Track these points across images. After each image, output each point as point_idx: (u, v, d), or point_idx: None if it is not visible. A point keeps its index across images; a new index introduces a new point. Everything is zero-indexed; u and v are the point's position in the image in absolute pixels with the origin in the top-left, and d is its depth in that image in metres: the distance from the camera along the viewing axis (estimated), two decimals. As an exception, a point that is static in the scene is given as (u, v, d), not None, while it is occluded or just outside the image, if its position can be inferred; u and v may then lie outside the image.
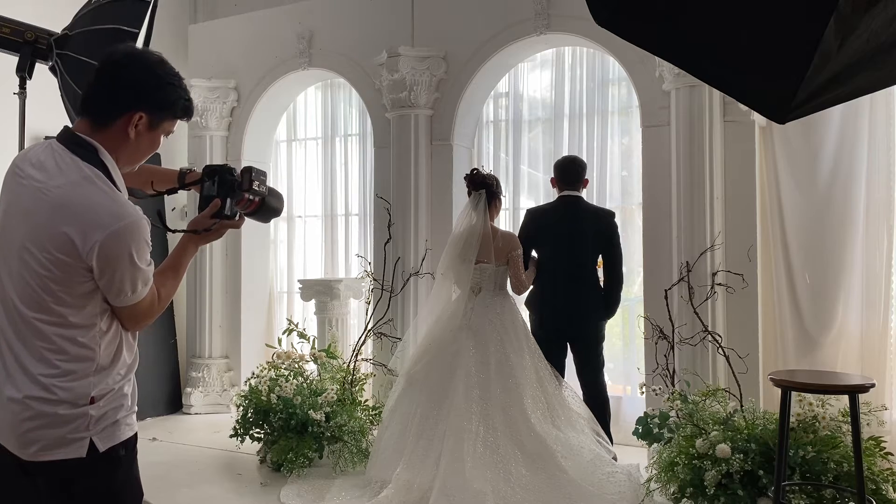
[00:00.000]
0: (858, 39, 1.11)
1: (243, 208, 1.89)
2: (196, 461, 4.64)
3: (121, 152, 1.74)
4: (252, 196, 1.86)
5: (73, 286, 1.64)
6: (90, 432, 1.67)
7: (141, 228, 1.66)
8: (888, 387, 4.04)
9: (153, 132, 1.77)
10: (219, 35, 6.17)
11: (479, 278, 4.14)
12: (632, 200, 5.13)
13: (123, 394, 1.74)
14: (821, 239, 4.26)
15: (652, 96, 4.57)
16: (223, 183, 1.85)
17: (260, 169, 1.91)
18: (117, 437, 1.71)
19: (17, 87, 2.97)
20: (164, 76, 1.77)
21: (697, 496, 3.38)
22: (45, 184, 1.66)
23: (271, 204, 1.95)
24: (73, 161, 1.67)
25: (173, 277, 1.85)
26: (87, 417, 1.66)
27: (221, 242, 6.01)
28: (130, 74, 1.74)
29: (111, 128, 1.72)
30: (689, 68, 1.45)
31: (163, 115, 1.77)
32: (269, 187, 1.94)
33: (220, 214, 1.85)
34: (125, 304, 1.70)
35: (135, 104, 1.72)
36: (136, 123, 1.73)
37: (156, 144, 1.82)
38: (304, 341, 4.89)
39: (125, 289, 1.67)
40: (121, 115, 1.72)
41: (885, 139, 4.16)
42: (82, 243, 1.61)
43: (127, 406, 1.76)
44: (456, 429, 3.74)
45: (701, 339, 3.97)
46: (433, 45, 5.24)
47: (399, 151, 5.24)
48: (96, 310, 1.67)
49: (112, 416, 1.71)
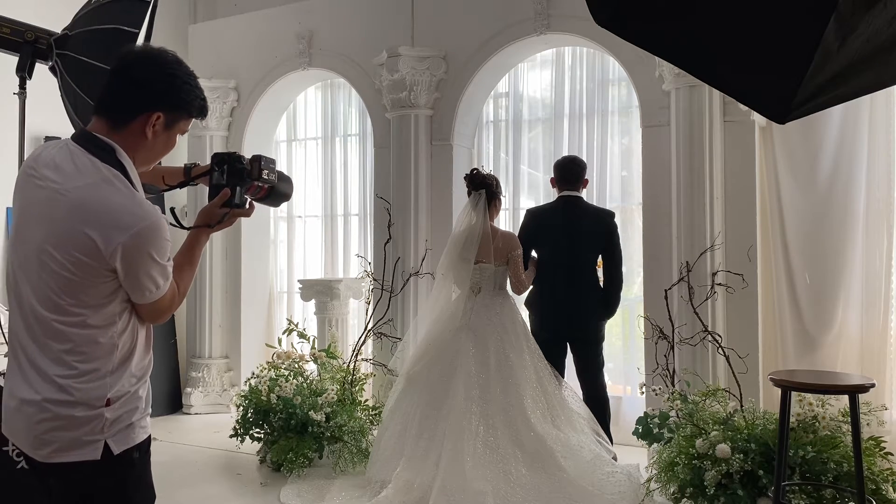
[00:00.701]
0: (858, 39, 1.11)
1: (253, 195, 1.89)
2: (196, 461, 4.64)
3: (138, 152, 1.75)
4: (261, 184, 1.86)
5: (94, 287, 1.64)
6: (105, 434, 1.66)
7: (161, 228, 1.67)
8: (888, 387, 4.04)
9: (169, 132, 1.78)
10: (219, 35, 6.17)
11: (478, 278, 4.14)
12: (632, 200, 5.13)
13: (139, 396, 1.74)
14: (821, 239, 4.26)
15: (652, 96, 4.57)
16: (233, 172, 1.84)
17: (269, 157, 1.90)
18: (132, 439, 1.71)
19: (17, 87, 2.97)
20: (182, 76, 1.76)
21: (697, 496, 3.38)
22: (62, 185, 1.65)
23: (281, 189, 1.94)
24: (92, 162, 1.67)
25: (189, 269, 1.86)
26: (102, 419, 1.66)
27: (221, 242, 6.01)
28: (148, 74, 1.73)
29: (129, 128, 1.72)
30: (689, 68, 1.45)
31: (179, 115, 1.78)
32: (280, 172, 1.94)
33: (231, 203, 1.84)
34: (148, 300, 1.70)
35: (152, 104, 1.72)
36: (153, 123, 1.73)
37: (171, 144, 1.82)
38: (304, 341, 4.89)
39: (149, 286, 1.68)
40: (138, 115, 1.72)
41: (885, 139, 4.16)
42: (105, 245, 1.60)
43: (141, 409, 1.76)
44: (456, 428, 3.75)
45: (701, 339, 3.97)
46: (433, 45, 5.25)
47: (399, 151, 5.24)
48: (116, 310, 1.68)
49: (127, 419, 1.70)
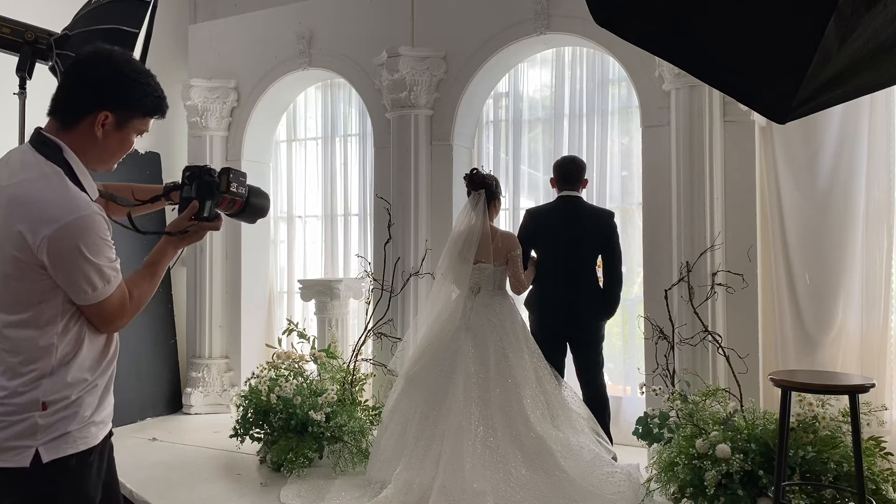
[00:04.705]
0: (858, 39, 1.11)
1: (226, 209, 1.87)
2: (196, 461, 4.64)
3: (89, 152, 1.72)
4: (232, 197, 1.85)
5: (30, 284, 1.60)
6: (36, 441, 1.59)
7: (93, 223, 1.61)
8: (888, 387, 4.04)
9: (122, 131, 1.74)
10: (219, 35, 6.17)
11: (478, 278, 4.14)
12: (632, 200, 5.13)
13: (79, 403, 1.65)
14: (821, 239, 4.26)
15: (652, 96, 4.57)
16: (201, 185, 1.83)
17: (240, 170, 1.89)
18: (65, 449, 1.62)
19: (17, 87, 2.97)
20: (129, 74, 1.72)
21: (697, 496, 3.38)
22: (6, 182, 1.64)
23: (256, 204, 1.93)
24: (36, 159, 1.65)
25: (149, 279, 1.80)
26: (33, 425, 1.58)
27: (221, 242, 6.01)
28: (94, 73, 1.71)
29: (78, 127, 1.70)
30: (689, 68, 1.45)
31: (130, 114, 1.73)
32: (252, 187, 1.92)
33: (199, 216, 1.82)
34: (88, 302, 1.64)
35: (99, 103, 1.69)
36: (102, 122, 1.70)
37: (127, 144, 1.78)
38: (304, 341, 4.89)
39: (83, 286, 1.61)
40: (86, 114, 1.69)
41: (885, 139, 4.16)
42: (32, 238, 1.57)
43: (84, 417, 1.66)
44: (455, 429, 3.74)
45: (701, 339, 3.97)
46: (433, 45, 5.25)
47: (399, 151, 5.23)
48: (55, 310, 1.62)
49: (62, 427, 1.62)
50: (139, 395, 5.69)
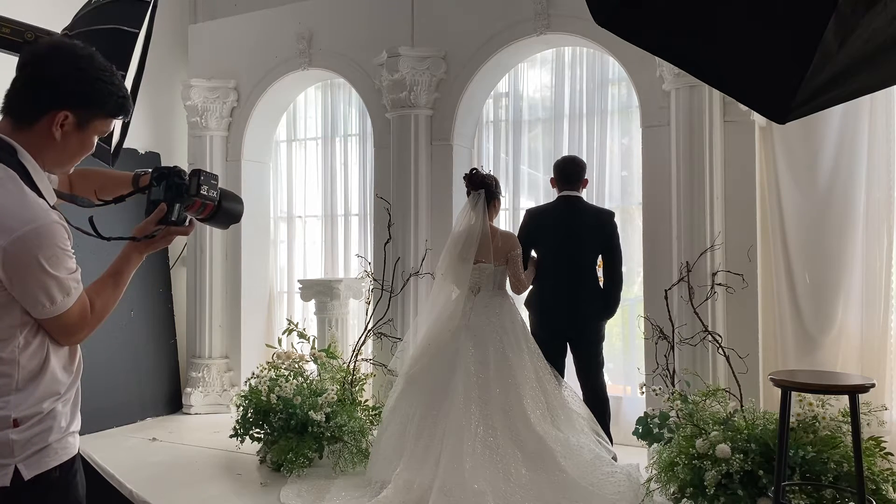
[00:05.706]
0: (858, 39, 1.11)
1: (196, 213, 1.77)
2: (196, 461, 4.64)
3: (46, 154, 1.60)
4: (203, 201, 1.75)
5: None
6: (14, 459, 1.52)
7: (51, 233, 1.51)
8: (888, 387, 4.04)
9: (83, 132, 1.61)
10: (219, 35, 6.17)
11: (478, 278, 4.14)
12: (632, 200, 5.13)
13: (54, 415, 1.58)
14: (821, 239, 4.26)
15: (652, 96, 4.57)
16: (170, 187, 1.71)
17: (211, 172, 1.79)
18: (46, 463, 1.56)
19: (17, 88, 2.97)
20: (91, 71, 1.59)
21: (697, 496, 3.38)
22: None
23: (228, 209, 1.82)
24: None
25: (113, 287, 1.69)
26: (7, 442, 1.51)
27: (221, 242, 6.01)
28: (53, 70, 1.56)
29: (34, 128, 1.57)
30: (689, 68, 1.45)
31: (91, 114, 1.60)
32: (224, 190, 1.82)
33: (167, 220, 1.71)
34: (46, 315, 1.55)
35: (58, 102, 1.56)
36: (60, 123, 1.57)
37: (87, 146, 1.66)
38: (304, 341, 4.88)
39: (40, 299, 1.52)
40: (43, 114, 1.56)
41: (885, 139, 4.16)
42: None
43: (60, 427, 1.60)
44: (455, 429, 3.74)
45: (701, 339, 3.97)
46: (433, 45, 5.24)
47: (399, 151, 5.23)
48: (15, 322, 1.53)
49: (41, 441, 1.55)
50: (139, 395, 5.70)
